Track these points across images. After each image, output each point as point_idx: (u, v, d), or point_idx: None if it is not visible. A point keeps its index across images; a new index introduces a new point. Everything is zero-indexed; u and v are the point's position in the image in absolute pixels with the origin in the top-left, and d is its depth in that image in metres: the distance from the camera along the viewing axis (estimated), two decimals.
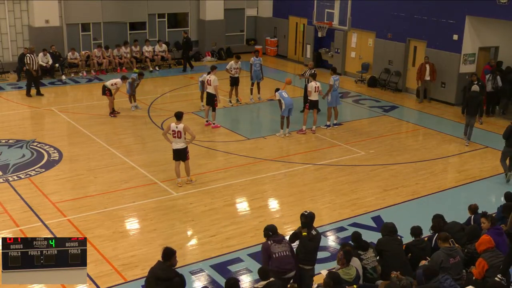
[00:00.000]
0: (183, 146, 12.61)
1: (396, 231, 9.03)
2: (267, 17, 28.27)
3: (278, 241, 8.27)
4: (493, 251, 8.13)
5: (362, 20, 22.51)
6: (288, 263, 8.19)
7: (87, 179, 13.21)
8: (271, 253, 8.18)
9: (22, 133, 16.30)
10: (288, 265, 8.19)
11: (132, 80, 18.23)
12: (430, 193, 12.97)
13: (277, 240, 8.28)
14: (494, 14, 18.26)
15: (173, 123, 12.58)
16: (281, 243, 8.26)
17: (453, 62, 19.73)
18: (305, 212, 8.56)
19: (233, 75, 18.99)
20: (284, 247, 8.25)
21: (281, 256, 8.15)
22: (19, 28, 23.00)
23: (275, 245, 8.21)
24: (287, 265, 8.18)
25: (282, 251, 8.19)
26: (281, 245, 8.23)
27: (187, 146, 12.74)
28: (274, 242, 8.22)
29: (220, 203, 12.17)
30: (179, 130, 12.40)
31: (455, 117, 18.91)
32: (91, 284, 9.04)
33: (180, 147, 12.60)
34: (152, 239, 10.59)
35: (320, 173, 13.95)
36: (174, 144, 12.59)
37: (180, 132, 12.40)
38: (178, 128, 12.40)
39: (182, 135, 12.46)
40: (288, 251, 8.26)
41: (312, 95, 16.45)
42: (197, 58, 26.48)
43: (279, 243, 8.25)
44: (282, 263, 8.16)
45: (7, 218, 11.16)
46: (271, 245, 8.21)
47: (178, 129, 12.40)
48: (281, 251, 8.18)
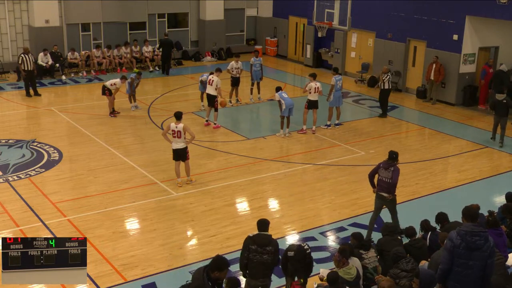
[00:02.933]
0: (183, 146, 12.62)
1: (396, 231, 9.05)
2: (267, 17, 28.28)
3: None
4: None
5: (362, 20, 22.52)
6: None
7: (87, 179, 13.21)
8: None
9: (22, 133, 16.31)
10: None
11: (132, 80, 18.23)
12: (430, 193, 12.98)
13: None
14: (494, 14, 18.26)
15: (173, 123, 12.59)
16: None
17: (453, 62, 19.74)
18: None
19: (234, 76, 18.99)
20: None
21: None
22: (19, 28, 23.00)
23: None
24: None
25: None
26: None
27: (187, 146, 12.75)
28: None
29: (220, 203, 12.17)
30: (179, 130, 12.41)
31: (455, 117, 18.92)
32: (91, 284, 9.04)
33: (180, 147, 12.60)
34: (152, 239, 10.59)
35: (320, 173, 13.95)
36: (174, 144, 12.60)
37: (180, 132, 12.41)
38: (178, 128, 12.42)
39: (182, 135, 12.47)
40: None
41: (312, 95, 16.44)
42: (197, 58, 26.49)
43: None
44: None
45: (7, 218, 11.15)
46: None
47: (178, 128, 12.41)
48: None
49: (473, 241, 6.73)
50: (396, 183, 10.24)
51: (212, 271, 6.45)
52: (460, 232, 6.85)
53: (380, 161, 14.62)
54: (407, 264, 7.86)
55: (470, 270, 6.79)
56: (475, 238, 6.75)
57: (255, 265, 7.88)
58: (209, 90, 16.82)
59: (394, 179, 10.18)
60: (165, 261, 9.85)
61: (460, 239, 6.80)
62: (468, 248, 6.76)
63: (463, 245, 6.78)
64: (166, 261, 9.86)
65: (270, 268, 7.98)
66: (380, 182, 10.36)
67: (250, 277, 8.07)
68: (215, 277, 6.45)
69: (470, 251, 6.75)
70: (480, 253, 6.76)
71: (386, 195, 10.28)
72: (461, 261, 6.82)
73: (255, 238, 7.92)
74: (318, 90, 16.47)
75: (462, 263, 6.82)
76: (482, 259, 6.78)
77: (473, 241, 6.73)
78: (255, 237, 7.94)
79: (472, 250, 6.75)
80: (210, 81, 16.79)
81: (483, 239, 6.76)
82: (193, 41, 27.15)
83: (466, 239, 6.76)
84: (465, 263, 6.79)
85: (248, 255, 7.89)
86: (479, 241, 6.75)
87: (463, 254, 6.79)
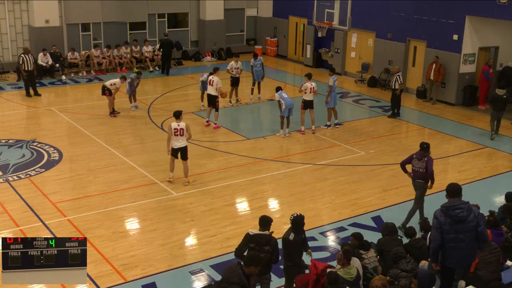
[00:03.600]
0: (185, 145, 12.70)
1: (396, 231, 9.07)
2: (267, 17, 28.28)
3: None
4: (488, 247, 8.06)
5: (362, 20, 22.52)
6: None
7: (87, 179, 13.21)
8: None
9: (22, 133, 16.31)
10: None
11: (131, 80, 18.23)
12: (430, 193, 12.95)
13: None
14: (494, 14, 18.26)
15: (174, 122, 12.64)
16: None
17: (453, 62, 19.74)
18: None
19: (234, 76, 19.00)
20: None
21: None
22: (19, 28, 23.00)
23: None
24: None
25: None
26: None
27: (187, 145, 12.81)
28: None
29: (220, 203, 12.17)
30: (182, 128, 12.55)
31: (455, 117, 18.92)
32: (91, 284, 9.04)
33: (182, 146, 12.67)
34: (152, 239, 10.59)
35: (320, 173, 13.95)
36: (175, 143, 12.62)
37: (182, 129, 12.56)
38: (180, 125, 12.55)
39: (184, 133, 12.59)
40: None
41: (307, 95, 16.42)
42: (197, 58, 26.49)
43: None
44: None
45: (7, 218, 11.16)
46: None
47: (181, 126, 12.55)
48: None
49: (455, 214, 6.92)
50: (432, 172, 10.83)
51: (248, 266, 6.75)
52: (443, 208, 7.07)
53: (380, 161, 14.71)
54: (407, 264, 7.87)
55: (462, 243, 6.98)
56: (457, 211, 6.94)
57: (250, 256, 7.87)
58: (209, 91, 16.83)
59: (429, 169, 10.77)
60: (165, 261, 9.85)
61: (443, 215, 7.01)
62: (454, 222, 6.93)
63: (448, 220, 6.96)
64: (166, 261, 9.87)
65: (268, 266, 8.04)
66: (414, 172, 10.99)
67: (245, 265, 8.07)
68: (249, 272, 6.76)
69: (456, 225, 6.92)
70: (466, 224, 6.94)
71: (423, 181, 10.90)
72: (451, 236, 7.00)
73: (254, 237, 7.97)
74: (314, 90, 16.45)
75: (452, 238, 6.99)
76: (470, 230, 6.96)
77: (456, 214, 6.92)
78: (254, 237, 7.98)
79: (458, 223, 6.92)
80: (210, 82, 16.80)
81: (465, 211, 6.94)
82: (193, 41, 27.15)
83: (449, 214, 6.95)
84: (455, 237, 6.97)
85: (247, 250, 7.98)
86: (462, 213, 6.94)
87: (451, 229, 6.97)
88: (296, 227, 8.20)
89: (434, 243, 7.15)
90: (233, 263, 6.92)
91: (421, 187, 10.99)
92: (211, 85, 16.76)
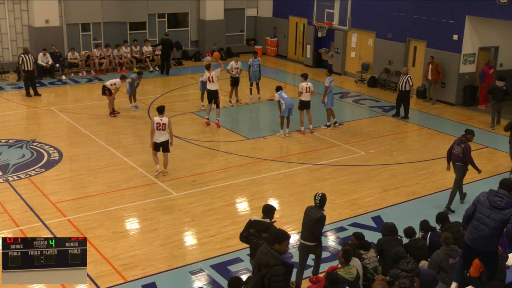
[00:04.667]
0: (167, 139, 13.13)
1: (397, 231, 9.07)
2: (267, 17, 28.28)
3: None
4: None
5: (362, 20, 22.52)
6: None
7: (87, 179, 13.21)
8: None
9: (22, 133, 16.32)
10: None
11: (132, 80, 18.23)
12: (430, 193, 12.98)
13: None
14: (494, 14, 18.26)
15: (157, 117, 13.05)
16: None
17: (453, 62, 19.74)
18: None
19: (234, 75, 18.99)
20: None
21: None
22: (19, 28, 23.00)
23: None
24: None
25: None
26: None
27: (169, 139, 13.17)
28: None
29: (220, 203, 12.17)
30: (164, 123, 12.99)
31: (455, 117, 18.92)
32: (91, 284, 9.04)
33: (164, 140, 13.10)
34: (152, 239, 10.59)
35: (320, 173, 13.95)
36: (157, 137, 13.04)
37: (164, 124, 12.99)
38: (162, 120, 13.01)
39: (166, 128, 13.01)
40: None
41: (303, 95, 16.42)
42: (197, 58, 26.50)
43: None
44: None
45: (7, 218, 11.16)
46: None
47: (163, 121, 13.00)
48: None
49: (493, 200, 7.48)
50: (471, 159, 11.89)
51: (273, 244, 6.82)
52: (488, 191, 7.70)
53: (380, 161, 14.71)
54: (407, 265, 7.87)
55: (485, 226, 7.50)
56: (496, 198, 7.48)
57: (253, 246, 8.16)
58: (210, 86, 16.81)
59: (466, 156, 11.78)
60: (165, 261, 9.85)
61: (485, 197, 7.62)
62: (489, 205, 7.50)
63: (486, 202, 7.55)
64: (166, 261, 9.87)
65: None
66: (454, 155, 12.02)
67: (250, 257, 8.43)
68: (280, 249, 6.80)
69: (490, 209, 7.48)
70: (498, 213, 7.42)
71: (461, 164, 11.90)
72: (480, 215, 7.59)
73: (254, 223, 8.23)
74: (310, 90, 16.44)
75: (480, 217, 7.58)
76: (501, 220, 7.39)
77: (494, 200, 7.47)
78: (254, 223, 8.24)
79: (491, 208, 7.47)
80: (210, 78, 16.79)
81: (504, 202, 7.41)
82: (193, 41, 27.15)
83: (490, 197, 7.55)
84: (482, 218, 7.54)
85: (248, 236, 8.24)
86: (499, 201, 7.45)
87: (484, 210, 7.54)
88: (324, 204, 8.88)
89: (466, 213, 7.91)
90: (262, 247, 6.99)
91: (460, 170, 11.94)
92: (211, 81, 16.73)
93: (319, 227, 8.70)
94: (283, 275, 6.68)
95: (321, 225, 8.72)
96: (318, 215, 8.67)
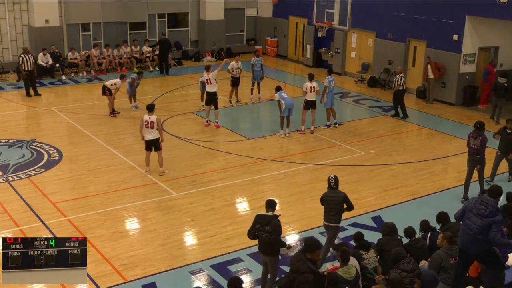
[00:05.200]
0: (156, 137, 13.20)
1: (396, 231, 9.07)
2: (267, 17, 28.28)
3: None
4: None
5: (362, 20, 22.51)
6: None
7: (87, 179, 13.21)
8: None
9: (22, 133, 16.31)
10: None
11: (132, 80, 18.22)
12: (430, 193, 12.98)
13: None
14: (494, 14, 18.25)
15: (146, 115, 13.15)
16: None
17: (453, 62, 19.73)
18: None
19: (235, 76, 18.99)
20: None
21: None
22: (19, 28, 23.00)
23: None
24: None
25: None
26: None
27: (159, 137, 13.24)
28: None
29: (220, 203, 12.17)
30: (152, 121, 13.08)
31: (455, 117, 18.92)
32: (91, 284, 9.04)
33: (153, 138, 13.18)
34: (152, 239, 10.59)
35: (320, 173, 13.94)
36: (147, 135, 13.17)
37: (153, 122, 13.08)
38: (151, 119, 13.10)
39: (155, 126, 13.09)
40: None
41: (308, 95, 16.43)
42: (197, 58, 26.49)
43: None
44: None
45: (7, 218, 11.16)
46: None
47: (151, 119, 13.09)
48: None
49: (479, 207, 7.67)
50: (483, 150, 12.14)
51: (304, 253, 7.20)
52: (478, 197, 7.95)
53: (380, 161, 14.70)
54: (407, 265, 7.87)
55: (471, 231, 7.70)
56: (481, 206, 7.65)
57: (260, 241, 8.54)
58: (208, 88, 16.81)
59: (482, 147, 12.05)
60: (165, 261, 9.85)
61: (473, 204, 7.80)
62: (474, 212, 7.71)
63: (474, 209, 7.73)
64: (166, 261, 9.87)
65: (270, 246, 8.45)
66: (470, 149, 12.28)
67: (259, 251, 8.75)
68: (311, 258, 7.16)
69: (475, 216, 7.67)
70: (481, 219, 7.59)
71: (479, 157, 12.23)
72: (467, 221, 7.79)
73: (258, 218, 8.52)
74: (315, 89, 16.44)
75: (467, 223, 7.79)
76: (482, 227, 7.57)
77: (479, 208, 7.66)
78: (258, 217, 8.53)
79: (476, 215, 7.66)
80: (208, 80, 16.78)
81: (488, 211, 7.57)
82: (193, 41, 27.15)
83: (476, 204, 7.74)
84: (469, 224, 7.74)
85: (255, 232, 8.51)
86: (483, 210, 7.61)
87: (471, 216, 7.73)
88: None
89: (456, 215, 8.22)
90: (297, 252, 7.44)
91: (478, 161, 12.24)
92: (209, 83, 16.72)
93: (350, 203, 9.65)
94: (311, 283, 7.06)
95: (350, 200, 9.65)
96: (341, 194, 9.61)
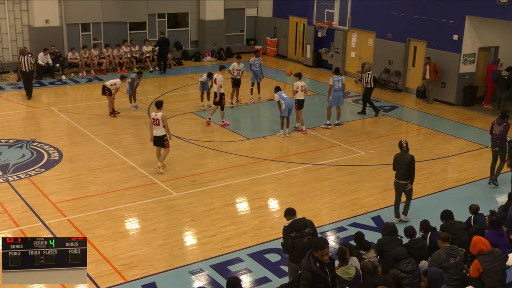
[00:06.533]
0: (161, 134, 13.36)
1: (397, 231, 9.06)
2: (267, 17, 28.28)
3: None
4: (491, 254, 8.07)
5: (362, 20, 22.51)
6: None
7: (87, 179, 13.21)
8: None
9: (22, 133, 16.31)
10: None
11: (132, 80, 18.22)
12: (430, 193, 12.98)
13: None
14: (494, 14, 18.25)
15: (153, 112, 13.40)
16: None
17: (453, 62, 19.73)
18: None
19: (235, 77, 18.98)
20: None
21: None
22: (19, 28, 23.00)
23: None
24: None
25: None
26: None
27: (165, 134, 13.39)
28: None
29: (220, 203, 12.17)
30: (158, 118, 13.23)
31: (455, 117, 18.92)
32: (91, 284, 9.04)
33: (159, 134, 13.35)
34: (152, 239, 10.59)
35: (320, 173, 13.95)
36: (154, 131, 13.41)
37: (158, 119, 13.25)
38: (157, 116, 13.24)
39: (161, 123, 13.25)
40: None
41: (298, 94, 16.42)
42: (197, 58, 26.49)
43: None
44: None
45: (7, 218, 11.15)
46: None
47: (157, 117, 13.27)
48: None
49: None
50: (505, 136, 13.04)
51: (311, 251, 6.99)
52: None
53: (380, 161, 14.70)
54: (407, 265, 7.86)
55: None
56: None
57: (298, 250, 7.97)
58: (215, 89, 16.85)
59: (504, 132, 12.97)
60: (165, 261, 9.85)
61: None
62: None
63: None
64: (166, 261, 9.86)
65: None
66: (493, 135, 13.16)
67: (290, 261, 8.25)
68: (318, 256, 6.87)
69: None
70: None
71: (499, 142, 13.09)
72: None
73: (291, 225, 8.08)
74: (304, 88, 16.45)
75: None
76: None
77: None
78: (291, 224, 8.09)
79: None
80: (214, 80, 16.87)
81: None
82: (193, 41, 27.14)
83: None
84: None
85: (292, 242, 8.01)
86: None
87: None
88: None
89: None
90: (311, 250, 7.10)
91: (498, 146, 13.05)
92: (215, 83, 16.81)
93: (414, 166, 11.06)
94: (308, 280, 6.84)
95: (414, 164, 11.08)
96: (409, 156, 11.07)
